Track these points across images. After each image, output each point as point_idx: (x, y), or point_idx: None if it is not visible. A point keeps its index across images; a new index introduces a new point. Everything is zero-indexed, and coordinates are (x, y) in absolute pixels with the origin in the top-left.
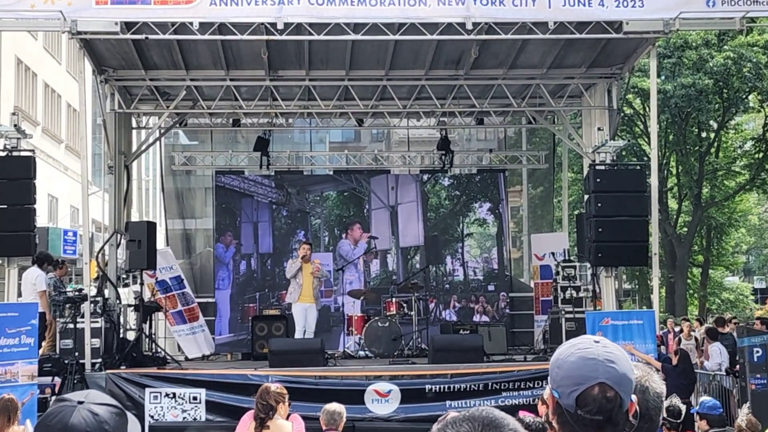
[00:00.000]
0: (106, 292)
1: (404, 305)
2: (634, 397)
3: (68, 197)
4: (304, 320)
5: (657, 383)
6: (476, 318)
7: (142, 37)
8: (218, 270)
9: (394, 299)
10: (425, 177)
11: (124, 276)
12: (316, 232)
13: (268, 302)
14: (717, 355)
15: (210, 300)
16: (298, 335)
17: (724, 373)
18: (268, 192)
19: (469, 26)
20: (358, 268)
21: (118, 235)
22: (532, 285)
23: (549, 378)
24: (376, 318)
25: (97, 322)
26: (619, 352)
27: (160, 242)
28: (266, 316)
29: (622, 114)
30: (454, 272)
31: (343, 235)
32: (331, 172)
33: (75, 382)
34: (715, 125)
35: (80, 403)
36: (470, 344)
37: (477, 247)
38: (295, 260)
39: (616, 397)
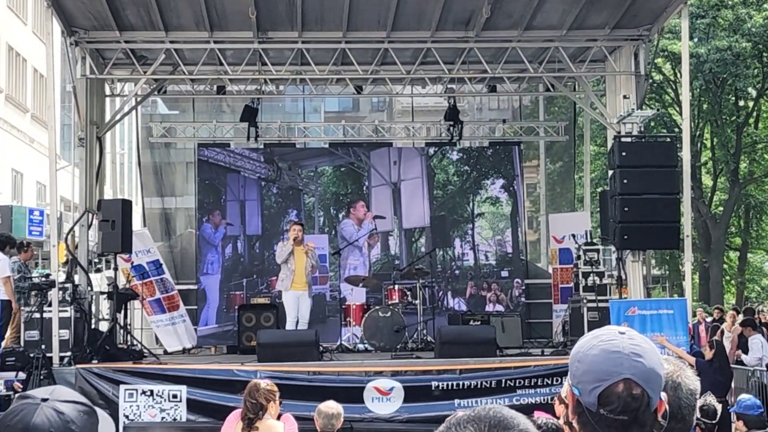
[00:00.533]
0: (76, 278)
1: (408, 293)
2: (663, 395)
3: (34, 172)
4: (297, 310)
5: (690, 379)
6: (488, 307)
7: None
8: (206, 253)
9: (396, 287)
10: (431, 150)
11: (96, 260)
12: (310, 212)
13: (257, 290)
14: (758, 349)
15: (192, 287)
16: (289, 326)
17: (765, 369)
18: (257, 167)
19: None
20: (362, 252)
21: (90, 215)
22: (550, 271)
23: (569, 373)
24: (377, 307)
25: (66, 311)
26: (647, 345)
27: (136, 223)
28: (254, 305)
29: (650, 80)
30: (464, 256)
31: (343, 215)
32: (327, 145)
33: (41, 377)
34: (754, 93)
35: (44, 400)
36: (481, 336)
37: (489, 229)
38: (285, 243)
39: (643, 394)
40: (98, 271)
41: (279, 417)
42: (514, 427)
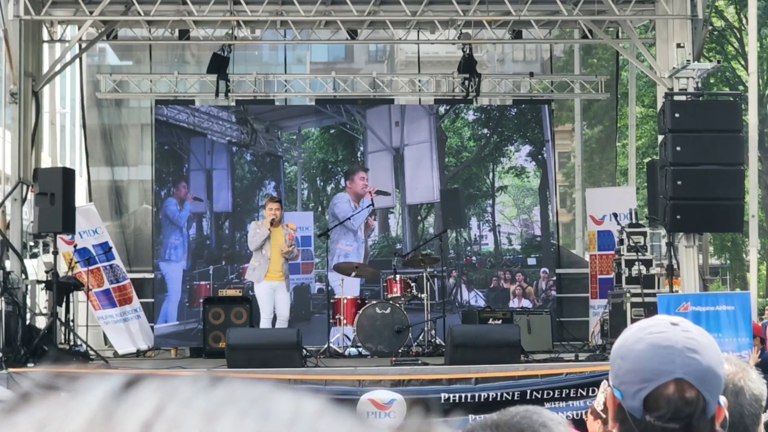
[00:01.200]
0: (8, 263)
1: (412, 285)
2: (722, 400)
3: None
4: (272, 305)
5: (755, 383)
6: (511, 303)
7: None
8: (169, 235)
9: (398, 277)
10: (442, 109)
11: (32, 243)
12: (291, 184)
13: (226, 279)
14: None
15: (148, 276)
16: (264, 324)
17: None
18: (227, 129)
19: None
20: (357, 235)
21: (24, 187)
22: (587, 258)
23: (609, 372)
24: (374, 302)
25: None
26: (705, 339)
27: (81, 197)
28: (223, 298)
29: (710, 26)
30: (482, 240)
31: (332, 187)
32: (313, 102)
33: None
34: None
35: None
36: (503, 338)
37: (513, 206)
38: (260, 224)
39: (698, 398)
40: (34, 256)
41: None
42: None
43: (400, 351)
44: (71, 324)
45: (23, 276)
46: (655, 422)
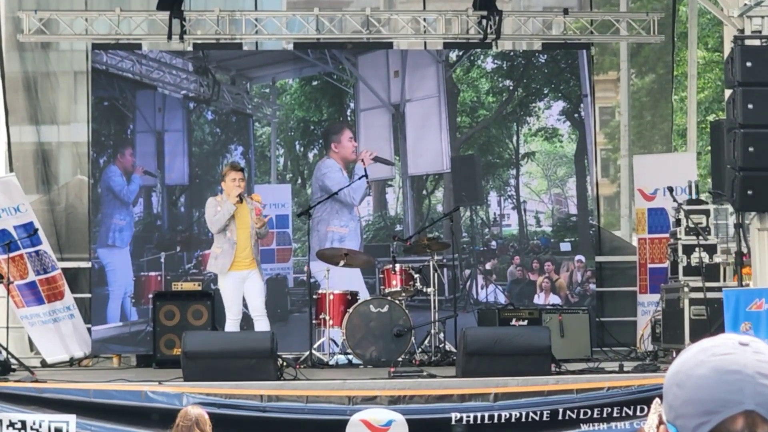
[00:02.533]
0: None
1: (416, 276)
2: None
3: None
4: (240, 301)
5: None
6: (539, 298)
7: None
8: (112, 214)
9: (398, 266)
10: (453, 56)
11: None
12: (263, 149)
13: (181, 269)
14: None
15: (84, 265)
16: (230, 327)
17: None
18: (182, 80)
19: None
20: (354, 213)
21: None
22: (634, 243)
23: (663, 403)
24: (368, 298)
25: None
26: None
27: None
28: (178, 293)
29: None
30: (503, 220)
31: (315, 153)
32: (291, 47)
33: None
34: None
35: None
36: (529, 343)
37: (542, 177)
38: (220, 200)
39: None
40: None
41: None
42: None
43: (400, 360)
44: None
45: None
46: None
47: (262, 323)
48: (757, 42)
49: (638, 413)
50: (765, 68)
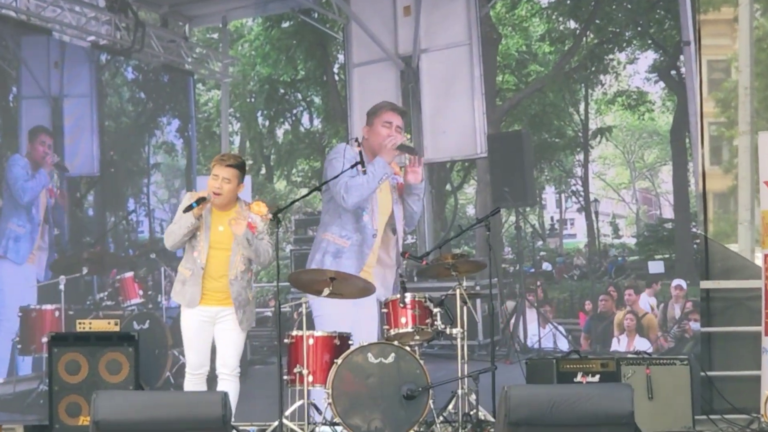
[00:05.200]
0: None
1: (435, 311)
2: None
3: None
4: (207, 349)
5: None
6: (618, 343)
7: None
8: (9, 216)
9: (409, 297)
10: None
11: None
12: (209, 125)
13: (90, 301)
14: None
15: None
16: (190, 385)
17: None
18: (90, 22)
19: None
20: (362, 221)
21: None
22: (758, 261)
23: None
24: (364, 344)
25: None
26: None
27: None
28: (85, 335)
29: None
30: (565, 227)
31: (294, 130)
32: None
33: None
34: None
35: None
36: (602, 409)
37: (622, 164)
38: (195, 197)
39: None
40: None
41: None
42: None
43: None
44: None
45: None
46: None
47: (228, 385)
48: None
49: None
50: None
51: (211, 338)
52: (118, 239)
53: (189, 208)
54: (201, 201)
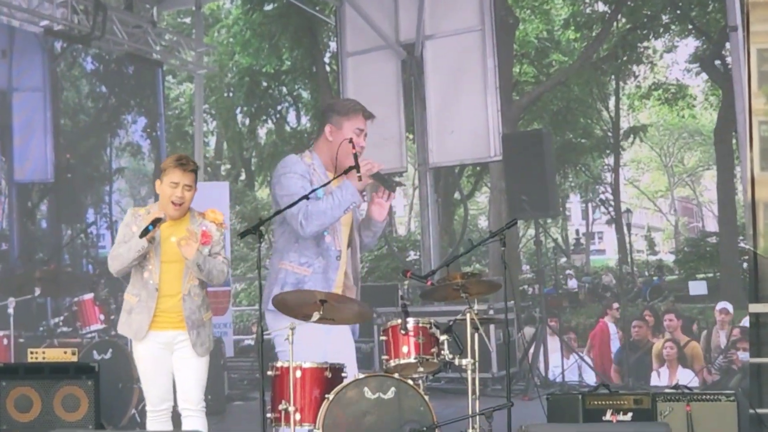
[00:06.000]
0: None
1: (442, 339)
2: None
3: None
4: (168, 382)
5: None
6: (656, 376)
7: None
8: None
9: (411, 322)
10: None
11: None
12: (181, 123)
13: (44, 327)
14: None
15: None
16: (153, 423)
17: None
18: (42, 4)
19: None
20: (323, 243)
21: None
22: None
23: None
24: (360, 377)
25: None
26: None
27: None
28: (38, 366)
29: None
30: (593, 242)
31: (278, 129)
32: None
33: None
34: None
35: None
36: None
37: (659, 169)
38: (147, 214)
39: None
40: None
41: None
42: None
43: None
44: None
45: None
46: None
47: (194, 422)
48: None
49: None
50: None
51: (171, 368)
52: (76, 255)
53: (145, 232)
54: (157, 222)
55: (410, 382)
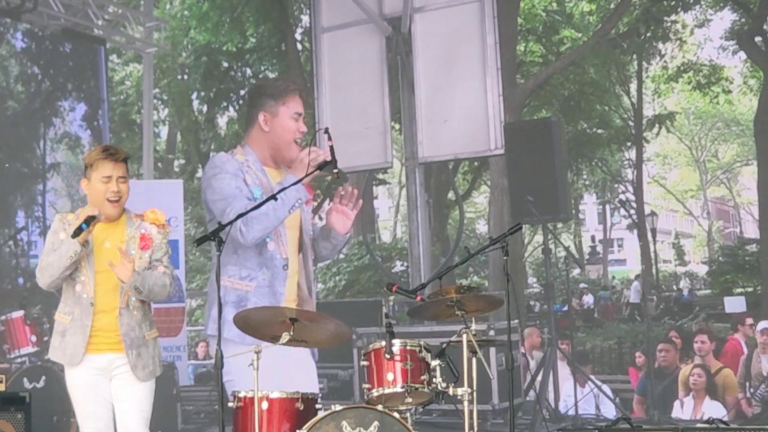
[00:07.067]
0: None
1: (434, 365)
2: None
3: None
4: (106, 411)
5: None
6: (684, 408)
7: None
8: None
9: (398, 344)
10: None
11: None
12: (127, 111)
13: None
14: None
15: None
16: None
17: None
18: None
19: None
20: (266, 251)
21: None
22: None
23: None
24: (337, 409)
25: None
26: None
27: None
28: None
29: None
30: (611, 250)
31: (238, 120)
32: None
33: None
34: None
35: None
36: None
37: (689, 164)
38: (72, 219)
39: None
40: None
41: None
42: None
43: None
44: None
45: None
46: None
47: None
48: None
49: None
50: None
51: (107, 398)
52: (3, 266)
53: (78, 231)
54: (91, 220)
55: (396, 415)
